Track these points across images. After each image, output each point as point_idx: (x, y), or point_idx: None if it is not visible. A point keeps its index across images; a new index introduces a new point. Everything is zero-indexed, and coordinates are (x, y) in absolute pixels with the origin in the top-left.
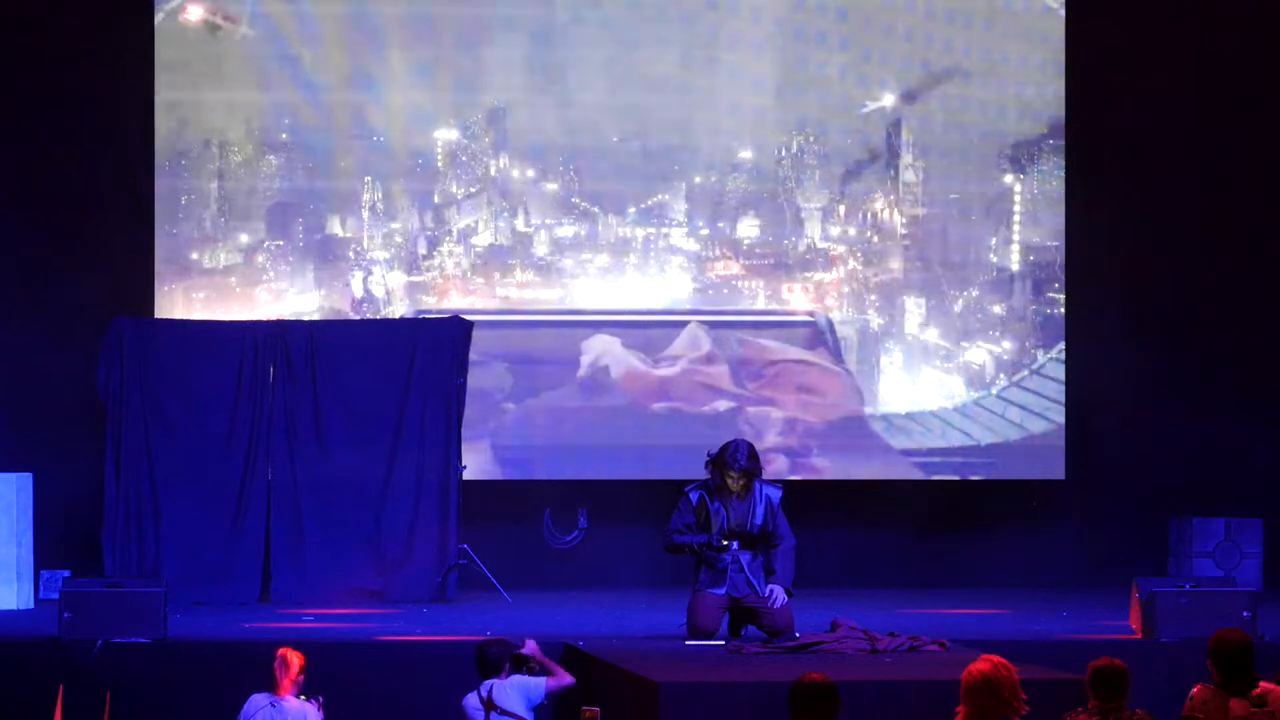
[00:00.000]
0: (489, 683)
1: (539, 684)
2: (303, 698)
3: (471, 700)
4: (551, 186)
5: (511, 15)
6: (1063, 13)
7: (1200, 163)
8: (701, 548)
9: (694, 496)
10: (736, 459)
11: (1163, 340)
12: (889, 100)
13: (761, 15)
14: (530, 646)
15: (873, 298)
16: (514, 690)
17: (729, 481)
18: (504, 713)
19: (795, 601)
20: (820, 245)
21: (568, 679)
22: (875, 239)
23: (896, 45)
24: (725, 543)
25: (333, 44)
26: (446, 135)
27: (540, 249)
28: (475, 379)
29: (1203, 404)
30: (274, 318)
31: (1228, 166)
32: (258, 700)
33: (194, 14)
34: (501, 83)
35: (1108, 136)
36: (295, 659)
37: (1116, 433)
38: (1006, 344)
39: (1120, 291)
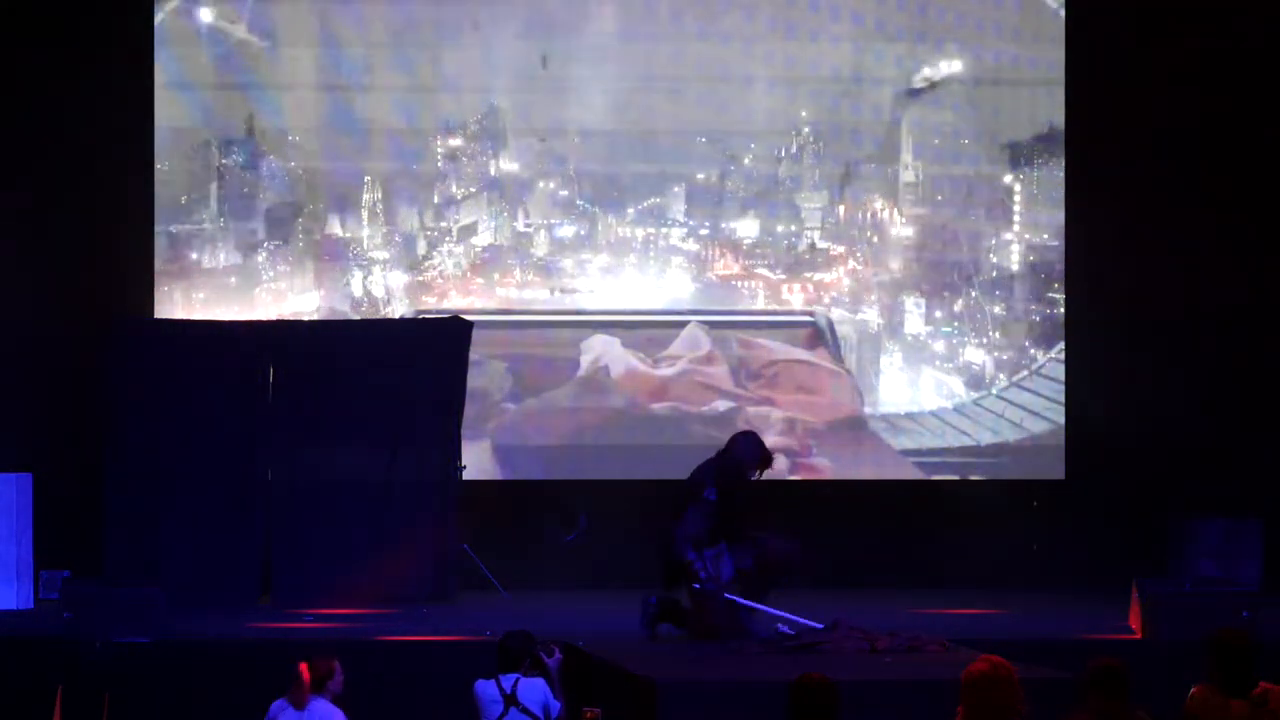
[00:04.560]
0: (513, 676)
1: (556, 703)
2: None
3: (489, 689)
4: (551, 186)
5: (512, 14)
6: (1063, 13)
7: (1200, 162)
8: (701, 583)
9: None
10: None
11: (1162, 340)
12: (889, 100)
13: (758, 15)
14: (556, 659)
15: (872, 298)
16: (538, 690)
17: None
18: (525, 710)
19: (796, 601)
20: (820, 245)
21: (559, 705)
22: (875, 239)
23: (896, 45)
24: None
25: (332, 43)
26: (446, 135)
27: (540, 249)
28: (475, 379)
29: (1202, 404)
30: (274, 318)
31: (1227, 166)
32: (280, 704)
33: (205, 16)
34: (502, 82)
35: (1108, 136)
36: (309, 673)
37: (1116, 433)
38: (1006, 344)
39: (1120, 291)
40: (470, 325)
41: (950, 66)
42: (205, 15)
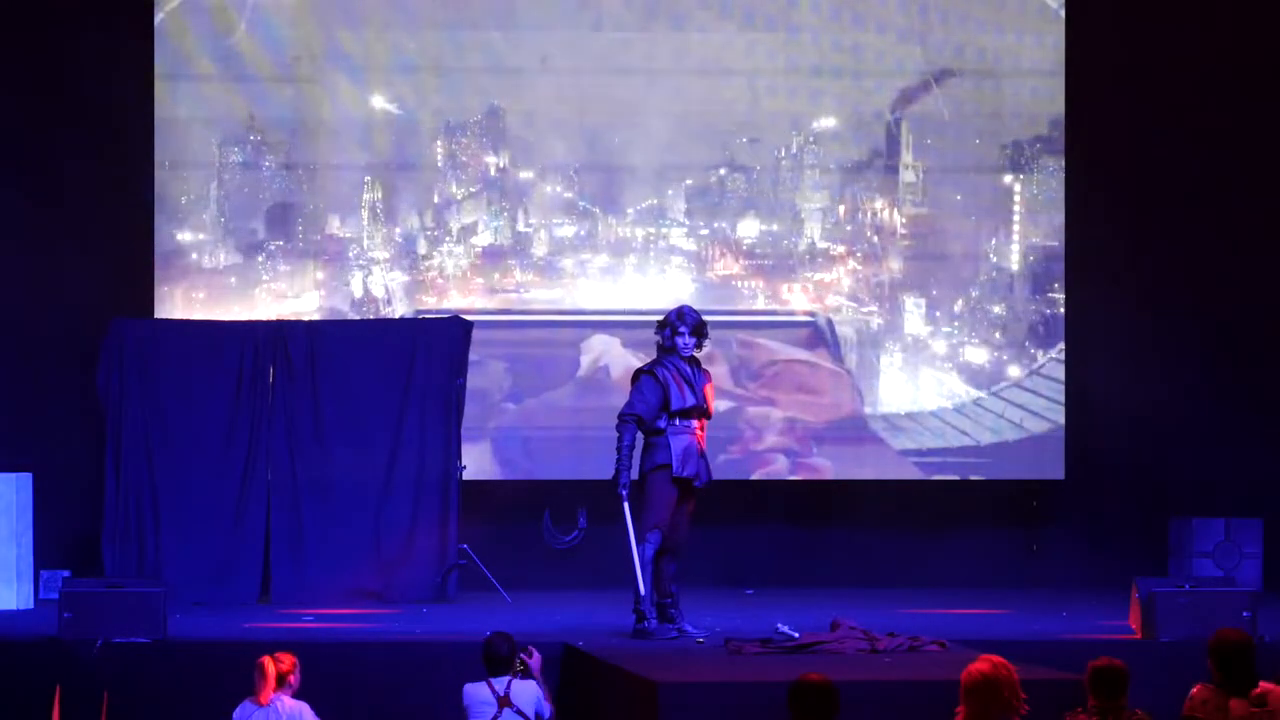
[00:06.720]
0: (505, 679)
1: (547, 705)
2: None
3: (480, 691)
4: (552, 186)
5: (512, 16)
6: (1063, 13)
7: (1200, 162)
8: (618, 474)
9: (660, 374)
10: (685, 316)
11: (1162, 340)
12: (889, 100)
13: (757, 15)
14: (536, 659)
15: (872, 298)
16: (530, 694)
17: (679, 342)
18: (519, 712)
19: (795, 601)
20: (820, 245)
21: (550, 710)
22: (875, 239)
23: (896, 45)
24: (622, 491)
25: (332, 44)
26: (446, 135)
27: (540, 249)
28: (475, 379)
29: (1203, 404)
30: (274, 318)
31: (1227, 166)
32: (246, 707)
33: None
34: (502, 82)
35: (1108, 136)
36: (272, 667)
37: (1116, 433)
38: (1006, 344)
39: (1120, 291)
40: (470, 325)
41: (950, 65)
42: (205, 14)
